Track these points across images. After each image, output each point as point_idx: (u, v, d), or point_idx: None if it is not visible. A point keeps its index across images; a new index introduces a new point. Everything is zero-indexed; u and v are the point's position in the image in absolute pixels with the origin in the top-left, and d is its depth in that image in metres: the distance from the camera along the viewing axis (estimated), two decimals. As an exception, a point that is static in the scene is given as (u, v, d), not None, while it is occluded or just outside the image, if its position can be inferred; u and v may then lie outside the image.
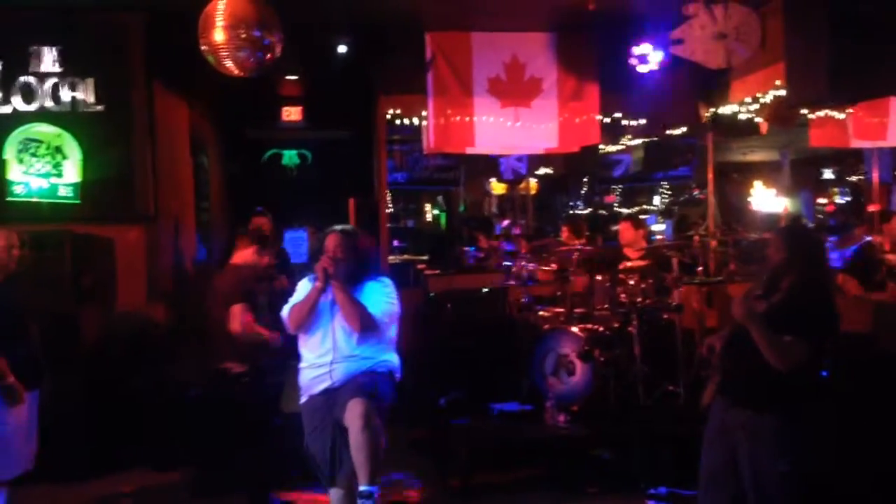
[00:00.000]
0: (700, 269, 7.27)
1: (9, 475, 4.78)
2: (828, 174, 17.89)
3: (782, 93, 7.01)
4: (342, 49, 7.37)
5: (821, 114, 8.70)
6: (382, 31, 7.50)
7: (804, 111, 8.45)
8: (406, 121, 8.38)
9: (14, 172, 6.66)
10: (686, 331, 6.70)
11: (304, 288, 4.39)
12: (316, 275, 4.26)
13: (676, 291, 6.48)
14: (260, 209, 7.35)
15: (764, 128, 8.59)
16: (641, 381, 6.12)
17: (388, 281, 4.44)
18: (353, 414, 3.93)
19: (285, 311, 4.37)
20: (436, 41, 7.79)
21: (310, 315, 4.27)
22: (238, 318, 5.87)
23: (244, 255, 6.29)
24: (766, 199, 16.00)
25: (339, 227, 4.44)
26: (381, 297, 4.30)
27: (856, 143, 9.19)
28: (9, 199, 6.63)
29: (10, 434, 4.73)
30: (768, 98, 7.41)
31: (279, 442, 5.25)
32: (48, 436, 5.04)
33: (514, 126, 8.07)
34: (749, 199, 16.58)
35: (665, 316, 6.58)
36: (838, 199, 18.14)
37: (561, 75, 8.00)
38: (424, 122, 8.12)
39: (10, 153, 6.66)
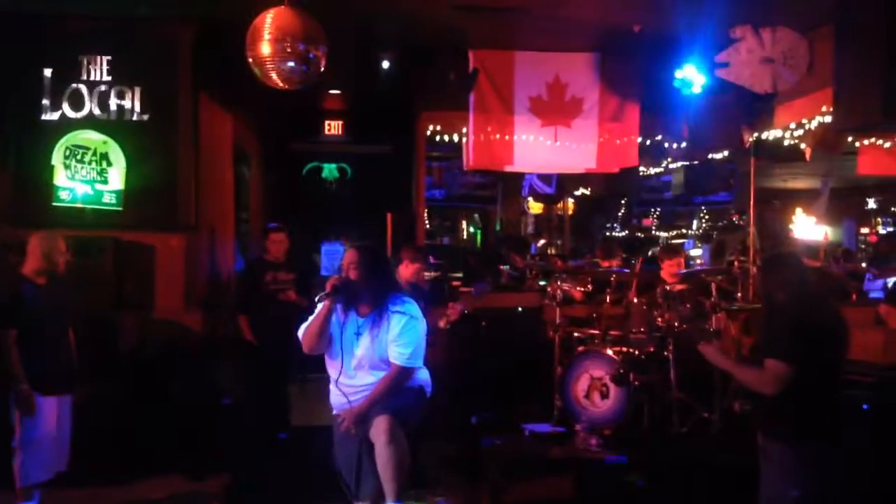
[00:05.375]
0: (739, 295, 7.16)
1: (42, 477, 4.85)
2: (872, 204, 17.59)
3: (828, 119, 6.91)
4: (386, 65, 7.40)
5: (866, 142, 8.58)
6: (426, 48, 7.53)
7: (850, 138, 8.32)
8: (446, 137, 8.38)
9: (60, 178, 6.77)
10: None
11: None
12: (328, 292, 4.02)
13: (714, 317, 6.38)
14: (274, 225, 7.25)
15: (808, 154, 8.46)
16: (676, 407, 6.02)
17: (409, 307, 4.10)
18: (379, 429, 3.91)
19: (300, 332, 4.17)
20: (479, 59, 7.81)
21: (321, 336, 4.06)
22: None
23: None
24: (807, 227, 15.76)
25: (358, 244, 4.27)
26: (403, 331, 4.03)
27: (905, 172, 9.01)
28: (55, 203, 6.74)
29: (40, 438, 4.80)
30: (814, 124, 7.30)
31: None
32: (83, 439, 5.10)
33: (553, 145, 8.06)
34: (790, 225, 16.35)
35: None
36: (881, 230, 17.82)
37: (603, 96, 7.98)
38: (464, 139, 8.13)
39: (57, 159, 6.78)
